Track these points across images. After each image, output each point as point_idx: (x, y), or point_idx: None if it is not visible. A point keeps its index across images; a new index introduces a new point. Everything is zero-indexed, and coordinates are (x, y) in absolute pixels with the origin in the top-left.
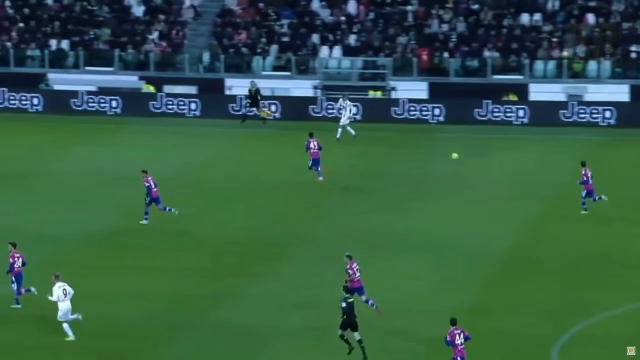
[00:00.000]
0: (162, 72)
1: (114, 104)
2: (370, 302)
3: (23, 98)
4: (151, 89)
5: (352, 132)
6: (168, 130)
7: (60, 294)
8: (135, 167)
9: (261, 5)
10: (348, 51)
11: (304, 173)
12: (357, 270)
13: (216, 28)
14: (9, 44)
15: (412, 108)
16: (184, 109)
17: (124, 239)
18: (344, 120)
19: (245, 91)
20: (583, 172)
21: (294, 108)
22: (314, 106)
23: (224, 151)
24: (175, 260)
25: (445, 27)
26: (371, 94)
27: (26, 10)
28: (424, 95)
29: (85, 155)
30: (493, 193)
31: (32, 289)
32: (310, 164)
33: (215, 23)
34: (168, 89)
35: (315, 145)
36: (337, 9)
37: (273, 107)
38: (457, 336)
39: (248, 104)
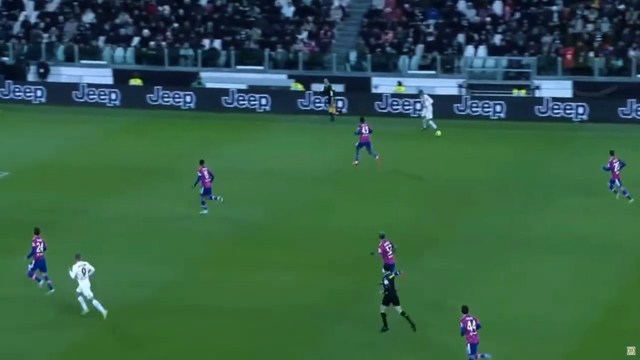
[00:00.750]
0: (310, 71)
1: (263, 101)
2: (399, 273)
3: (176, 96)
4: (299, 87)
5: (434, 126)
6: (315, 127)
7: (79, 272)
8: (283, 163)
9: (408, 5)
10: (493, 50)
11: (452, 169)
12: (389, 248)
13: (363, 28)
14: (163, 43)
15: (556, 107)
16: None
17: (270, 234)
18: (428, 115)
19: (391, 90)
20: (610, 160)
21: (439, 106)
22: (459, 104)
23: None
24: (319, 254)
25: (590, 26)
26: (515, 92)
27: (181, 11)
28: (568, 94)
29: (234, 151)
30: (636, 191)
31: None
32: (357, 145)
33: (363, 23)
34: (316, 87)
35: (366, 130)
36: (483, 9)
37: (418, 106)
38: (469, 323)
39: (327, 101)
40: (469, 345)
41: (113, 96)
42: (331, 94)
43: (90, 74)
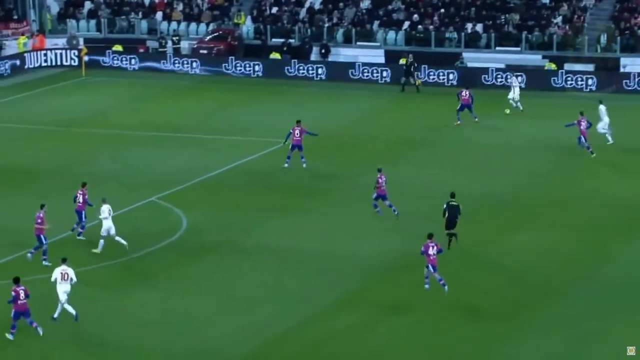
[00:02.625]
0: (563, 52)
1: (519, 79)
2: (393, 207)
3: (441, 74)
4: (553, 66)
5: (520, 107)
6: (566, 103)
7: (106, 213)
8: (529, 136)
9: None
10: None
11: None
12: (384, 181)
13: (615, 12)
14: (431, 27)
15: None
16: (581, 85)
17: (516, 200)
18: (515, 96)
19: (639, 70)
20: (579, 119)
21: None
22: None
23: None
24: (559, 219)
25: None
26: None
27: None
28: None
29: (489, 125)
30: None
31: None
32: (458, 108)
33: (615, 8)
34: (568, 66)
35: (466, 94)
36: None
37: None
38: (431, 247)
39: (409, 73)
40: (430, 265)
41: (384, 74)
42: (412, 68)
43: (365, 54)
